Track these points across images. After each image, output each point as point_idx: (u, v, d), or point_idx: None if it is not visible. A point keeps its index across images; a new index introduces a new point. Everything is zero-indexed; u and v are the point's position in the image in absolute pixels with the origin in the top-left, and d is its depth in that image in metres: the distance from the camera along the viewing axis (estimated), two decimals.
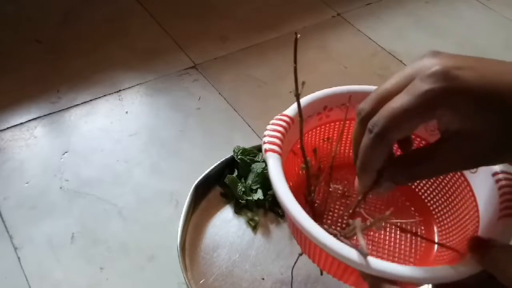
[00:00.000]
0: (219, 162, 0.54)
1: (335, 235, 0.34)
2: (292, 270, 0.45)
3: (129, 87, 0.68)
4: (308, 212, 0.34)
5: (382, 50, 0.78)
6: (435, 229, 0.42)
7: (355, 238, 0.38)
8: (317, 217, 0.40)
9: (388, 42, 0.79)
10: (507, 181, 0.36)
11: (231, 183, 0.52)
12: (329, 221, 0.42)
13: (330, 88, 0.42)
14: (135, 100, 0.66)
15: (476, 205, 0.38)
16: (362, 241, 0.28)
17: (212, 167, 0.53)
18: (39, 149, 0.58)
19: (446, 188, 0.43)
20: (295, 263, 0.43)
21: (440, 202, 0.43)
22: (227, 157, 0.54)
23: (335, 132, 0.43)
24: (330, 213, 0.42)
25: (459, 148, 0.26)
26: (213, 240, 0.50)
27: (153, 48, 0.74)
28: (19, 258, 0.48)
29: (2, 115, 0.62)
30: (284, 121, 0.38)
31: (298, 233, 0.34)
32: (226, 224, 0.51)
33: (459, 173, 0.41)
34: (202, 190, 0.52)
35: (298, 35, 0.31)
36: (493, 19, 0.87)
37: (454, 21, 0.86)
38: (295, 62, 0.32)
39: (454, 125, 0.26)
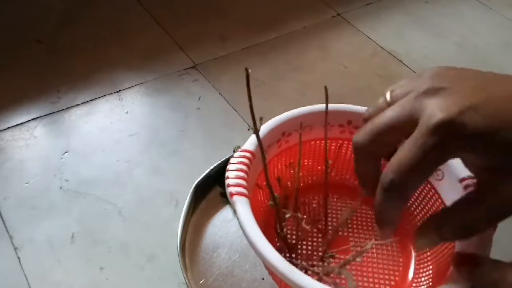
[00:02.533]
0: (219, 162, 0.54)
1: (317, 274, 0.33)
2: None
3: (129, 87, 0.68)
4: (282, 248, 0.34)
5: (382, 50, 0.78)
6: (411, 247, 0.42)
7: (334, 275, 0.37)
8: (292, 250, 0.39)
9: (388, 42, 0.79)
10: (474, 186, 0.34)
11: None
12: (304, 252, 0.41)
13: (286, 113, 0.41)
14: (135, 100, 0.66)
15: None
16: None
17: (212, 167, 0.53)
18: (39, 149, 0.58)
19: (418, 201, 0.42)
20: None
21: (413, 215, 0.42)
22: (227, 157, 0.54)
23: (297, 156, 0.43)
24: (304, 243, 0.42)
25: (498, 186, 0.24)
26: (213, 240, 0.50)
27: (153, 48, 0.74)
28: (19, 258, 0.48)
29: (2, 115, 0.62)
30: (246, 157, 0.37)
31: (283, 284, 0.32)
32: (226, 224, 0.51)
33: (426, 182, 0.40)
34: (202, 190, 0.52)
35: (250, 71, 0.30)
36: (493, 19, 0.87)
37: (454, 21, 0.86)
38: (249, 99, 0.30)
39: (481, 162, 0.25)
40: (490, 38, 0.82)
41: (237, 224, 0.52)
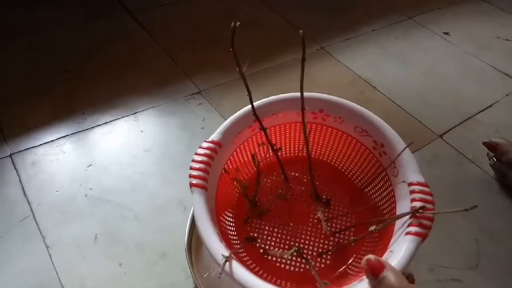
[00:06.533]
0: None
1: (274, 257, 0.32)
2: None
3: (143, 110, 0.69)
4: (252, 216, 0.33)
5: (359, 78, 0.80)
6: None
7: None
8: (260, 217, 0.40)
9: (364, 71, 0.81)
10: (419, 194, 0.31)
11: None
12: (273, 220, 0.41)
13: (260, 100, 0.39)
14: (149, 120, 0.67)
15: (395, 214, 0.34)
16: None
17: None
18: (67, 162, 0.59)
19: (376, 187, 0.39)
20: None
21: (371, 198, 0.40)
22: None
23: (270, 136, 0.41)
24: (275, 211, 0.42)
25: None
26: None
27: (164, 76, 0.75)
28: (50, 255, 0.49)
29: (36, 133, 0.63)
30: (210, 148, 0.34)
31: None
32: None
33: (384, 174, 0.37)
34: None
35: (238, 23, 0.27)
36: (453, 51, 0.89)
37: (420, 53, 0.88)
38: (232, 47, 0.28)
39: None
40: (450, 68, 0.84)
41: None
